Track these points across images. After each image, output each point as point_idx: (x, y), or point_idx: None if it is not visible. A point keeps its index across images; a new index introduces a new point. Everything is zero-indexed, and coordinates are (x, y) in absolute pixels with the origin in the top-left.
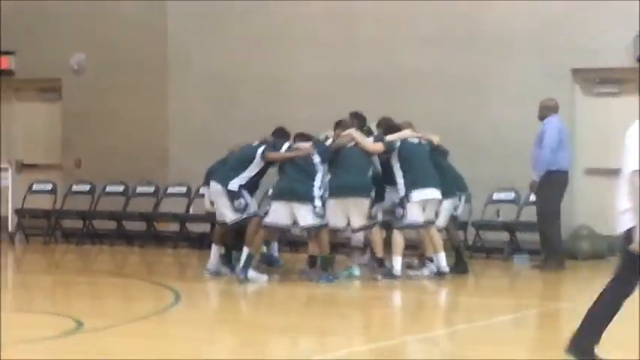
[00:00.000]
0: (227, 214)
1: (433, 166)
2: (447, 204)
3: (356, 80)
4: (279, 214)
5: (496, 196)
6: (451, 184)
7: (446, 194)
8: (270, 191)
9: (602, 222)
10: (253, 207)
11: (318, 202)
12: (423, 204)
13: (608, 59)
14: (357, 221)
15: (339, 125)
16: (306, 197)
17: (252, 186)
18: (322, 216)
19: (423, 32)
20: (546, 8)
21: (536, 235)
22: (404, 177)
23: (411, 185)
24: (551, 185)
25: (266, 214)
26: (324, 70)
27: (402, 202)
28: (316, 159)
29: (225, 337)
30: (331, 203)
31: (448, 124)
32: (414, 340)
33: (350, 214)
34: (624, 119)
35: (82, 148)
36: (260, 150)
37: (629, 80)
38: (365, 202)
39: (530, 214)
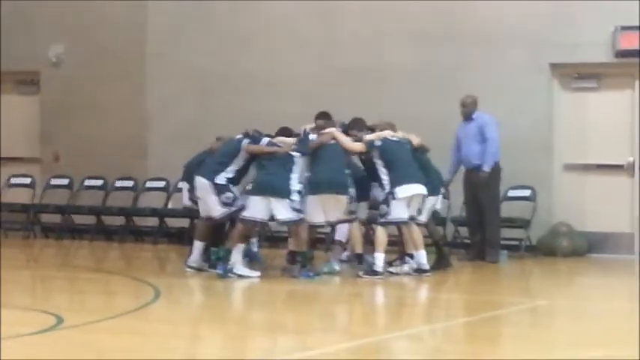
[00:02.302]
0: (215, 208)
1: (417, 163)
2: (432, 200)
3: (339, 77)
4: (256, 208)
5: None
6: (436, 182)
7: (431, 191)
8: (249, 186)
9: (581, 218)
10: (241, 200)
11: (295, 197)
12: (408, 200)
13: (586, 54)
14: (335, 215)
15: (322, 117)
16: (284, 192)
17: (236, 181)
18: (300, 211)
19: (406, 29)
20: (526, 3)
21: (514, 231)
22: (389, 174)
23: (395, 182)
24: (496, 178)
25: (243, 208)
26: (307, 67)
27: (387, 199)
28: (296, 154)
29: (205, 333)
30: (310, 199)
31: (430, 119)
32: (395, 338)
33: (328, 209)
34: (602, 114)
35: (60, 141)
36: (244, 142)
37: (608, 75)
38: (343, 199)
39: (508, 210)
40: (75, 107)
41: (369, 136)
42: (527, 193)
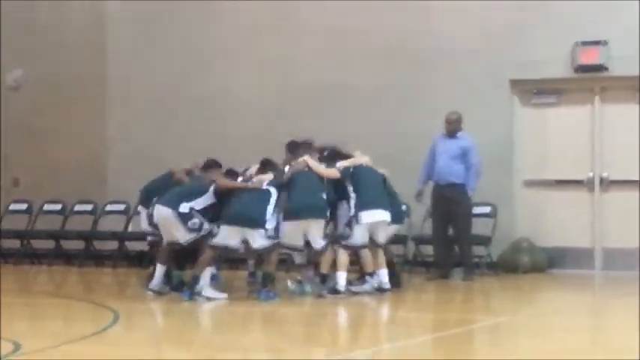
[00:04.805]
0: (180, 235)
1: (385, 192)
2: (393, 228)
3: (301, 96)
4: (229, 236)
5: None
6: (400, 211)
7: (395, 220)
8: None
9: (541, 234)
10: (207, 226)
11: (269, 225)
12: (372, 226)
13: (545, 70)
14: (318, 242)
15: (291, 146)
16: (258, 222)
17: (205, 212)
18: (274, 237)
19: (366, 47)
20: (486, 19)
21: (475, 248)
22: (355, 198)
23: (360, 206)
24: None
25: (214, 235)
26: (269, 86)
27: (350, 223)
28: (271, 188)
29: (164, 356)
30: (288, 226)
31: (391, 136)
32: (355, 357)
33: (309, 235)
34: (562, 130)
35: (20, 166)
36: (213, 187)
37: (567, 90)
38: (322, 223)
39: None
40: (34, 131)
41: (344, 163)
42: (487, 209)
